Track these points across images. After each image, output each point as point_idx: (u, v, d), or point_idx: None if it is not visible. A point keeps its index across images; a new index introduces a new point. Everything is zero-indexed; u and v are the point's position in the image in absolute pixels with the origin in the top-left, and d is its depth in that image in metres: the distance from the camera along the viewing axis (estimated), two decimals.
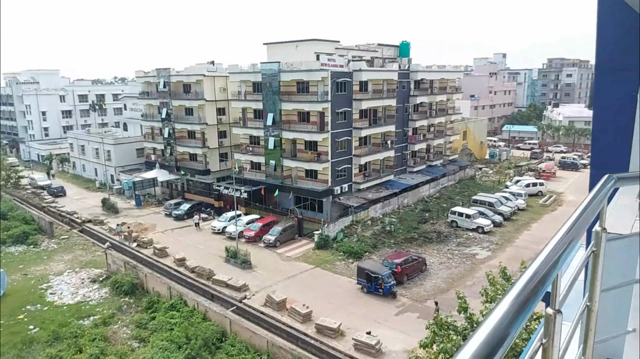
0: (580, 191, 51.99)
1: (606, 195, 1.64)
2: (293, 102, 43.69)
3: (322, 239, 38.50)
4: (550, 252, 1.28)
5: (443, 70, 58.11)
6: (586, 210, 1.49)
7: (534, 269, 1.22)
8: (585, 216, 1.47)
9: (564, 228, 1.39)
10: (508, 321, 0.97)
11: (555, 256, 1.27)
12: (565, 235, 1.36)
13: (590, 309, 1.71)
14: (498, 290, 16.71)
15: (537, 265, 1.23)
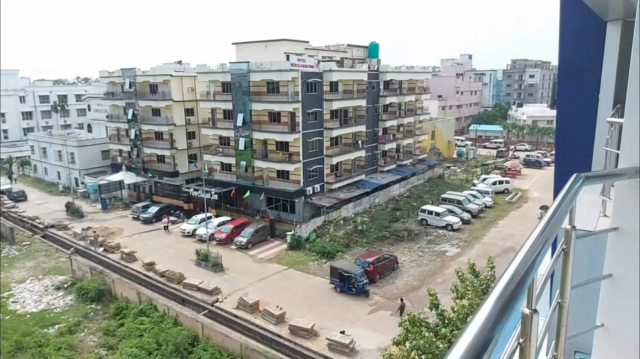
0: (545, 189, 53.81)
1: (575, 194, 1.67)
2: (263, 102, 43.41)
3: (294, 240, 38.40)
4: (527, 254, 1.29)
5: (411, 71, 58.98)
6: (558, 210, 1.51)
7: (512, 271, 1.22)
8: (558, 216, 1.50)
9: (538, 229, 1.41)
10: (491, 325, 0.97)
11: (532, 257, 1.29)
12: (539, 236, 1.37)
13: (562, 305, 1.75)
14: (468, 287, 17.07)
15: (515, 267, 1.24)
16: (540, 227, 1.41)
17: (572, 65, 6.27)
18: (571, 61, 6.24)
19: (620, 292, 2.06)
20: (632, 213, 1.99)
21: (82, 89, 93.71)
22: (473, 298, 16.51)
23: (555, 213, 1.49)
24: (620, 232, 2.02)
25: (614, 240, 2.05)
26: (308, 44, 50.24)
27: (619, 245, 2.04)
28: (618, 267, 2.06)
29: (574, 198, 1.64)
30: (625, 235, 2.01)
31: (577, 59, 6.18)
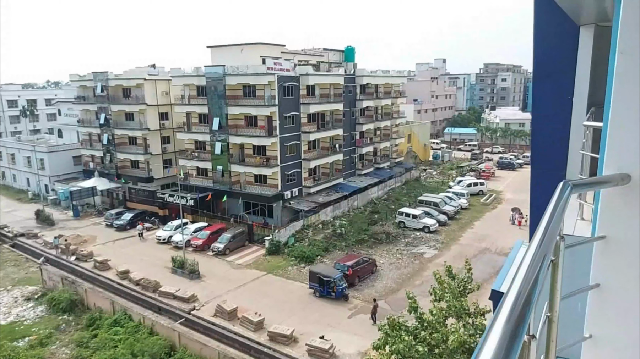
0: (518, 190, 54.91)
1: (565, 203, 1.59)
2: (240, 106, 43.03)
3: (273, 245, 38.08)
4: (528, 272, 1.19)
5: (387, 75, 59.49)
6: (551, 222, 1.43)
7: (515, 293, 1.12)
8: (552, 229, 1.41)
9: (534, 245, 1.32)
10: (504, 354, 0.87)
11: (534, 276, 1.19)
12: (537, 252, 1.28)
13: (551, 320, 1.67)
14: (445, 289, 17.15)
15: (518, 288, 1.13)
16: (536, 242, 1.32)
17: (547, 68, 6.31)
18: (545, 65, 6.29)
19: (608, 302, 2.00)
20: (619, 221, 1.93)
21: (52, 93, 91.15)
22: (451, 300, 16.59)
23: (550, 226, 1.41)
24: (607, 240, 1.96)
25: (601, 248, 1.99)
26: (284, 48, 50.11)
27: (606, 253, 1.98)
28: (605, 276, 2.00)
29: (564, 208, 1.57)
30: (612, 244, 1.96)
31: (551, 63, 6.22)
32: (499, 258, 35.41)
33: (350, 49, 56.10)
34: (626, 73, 1.80)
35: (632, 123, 1.83)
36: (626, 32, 1.78)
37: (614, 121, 1.87)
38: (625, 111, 1.84)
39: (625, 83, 1.81)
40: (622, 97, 1.84)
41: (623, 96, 1.83)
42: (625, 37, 1.78)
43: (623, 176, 1.85)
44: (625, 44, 1.78)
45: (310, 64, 48.01)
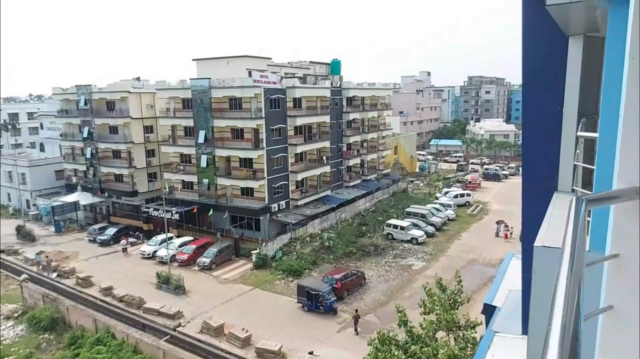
0: (504, 201, 55.39)
1: (584, 221, 1.46)
2: (226, 118, 42.83)
3: (260, 259, 37.64)
4: (568, 305, 1.06)
5: (373, 87, 59.94)
6: (576, 244, 1.29)
7: (559, 329, 0.99)
8: (579, 252, 1.28)
9: (564, 273, 1.18)
10: None
11: (574, 307, 1.06)
12: (571, 280, 1.15)
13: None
14: (435, 301, 17.01)
15: (561, 324, 1.00)
16: (565, 270, 1.19)
17: (536, 79, 6.27)
18: (535, 75, 6.25)
19: (621, 324, 1.86)
20: (634, 238, 1.80)
21: (35, 107, 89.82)
22: (441, 313, 16.45)
23: (575, 249, 1.28)
24: (620, 259, 1.83)
25: (614, 267, 1.86)
26: (270, 61, 50.22)
27: (619, 273, 1.85)
28: (619, 297, 1.87)
29: (584, 226, 1.43)
30: (626, 262, 1.82)
31: (540, 74, 6.19)
32: (487, 269, 35.47)
33: (336, 61, 56.47)
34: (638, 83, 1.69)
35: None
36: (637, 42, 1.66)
37: (626, 133, 1.75)
38: (637, 123, 1.72)
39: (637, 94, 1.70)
40: (634, 109, 1.72)
41: (635, 108, 1.71)
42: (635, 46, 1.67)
43: (636, 190, 1.73)
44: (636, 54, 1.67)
45: (297, 77, 48.14)
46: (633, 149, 1.75)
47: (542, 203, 5.75)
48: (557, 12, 4.41)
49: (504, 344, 6.44)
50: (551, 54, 5.63)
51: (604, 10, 4.00)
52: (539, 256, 4.06)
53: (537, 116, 6.11)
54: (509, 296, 7.87)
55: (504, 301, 7.89)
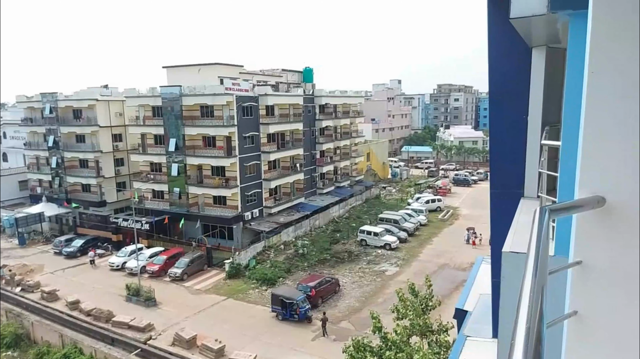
0: (473, 205, 56.57)
1: (547, 230, 1.50)
2: (197, 126, 42.32)
3: (233, 268, 37.17)
4: (531, 310, 1.09)
5: (345, 95, 60.46)
6: (539, 252, 1.33)
7: (523, 333, 1.01)
8: (542, 260, 1.32)
9: (528, 279, 1.21)
10: None
11: (537, 312, 1.09)
12: (535, 286, 1.18)
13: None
14: (408, 307, 17.18)
15: (524, 329, 1.03)
16: (529, 276, 1.23)
17: (502, 89, 6.46)
18: (501, 85, 6.43)
19: (585, 329, 1.92)
20: (595, 245, 1.86)
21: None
22: (414, 318, 16.62)
23: (539, 257, 1.32)
24: (583, 266, 1.89)
25: (578, 274, 1.91)
26: (242, 68, 50.04)
27: (582, 279, 1.91)
28: (582, 303, 1.92)
29: (548, 235, 1.48)
30: (589, 269, 1.88)
31: (506, 83, 6.37)
32: (458, 273, 36.07)
33: (308, 69, 56.71)
34: (598, 94, 1.76)
35: (605, 145, 1.79)
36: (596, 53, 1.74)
37: (586, 142, 1.81)
38: (597, 132, 1.80)
39: (597, 104, 1.77)
40: (594, 118, 1.79)
41: (595, 117, 1.78)
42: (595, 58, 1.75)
43: (598, 199, 1.80)
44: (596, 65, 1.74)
45: (269, 85, 48.08)
46: (594, 159, 1.81)
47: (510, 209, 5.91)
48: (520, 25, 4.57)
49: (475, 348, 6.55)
50: (516, 65, 5.82)
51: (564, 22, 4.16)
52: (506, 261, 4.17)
53: (504, 124, 6.30)
54: (479, 301, 8.03)
55: (474, 306, 8.04)
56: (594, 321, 1.86)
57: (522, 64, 5.67)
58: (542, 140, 5.44)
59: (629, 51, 1.72)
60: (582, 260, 1.86)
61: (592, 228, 1.83)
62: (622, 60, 1.73)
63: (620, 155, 1.77)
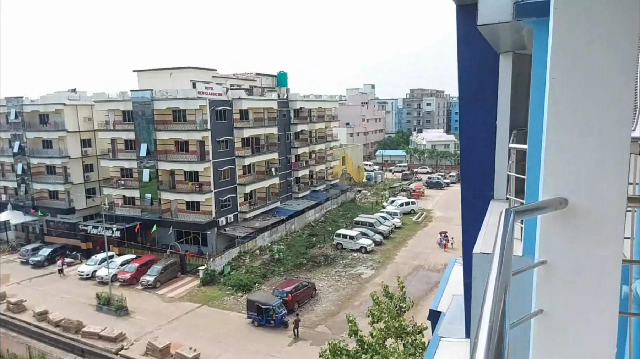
0: (446, 208, 57.52)
1: (512, 231, 1.55)
2: (169, 131, 41.68)
3: (207, 274, 36.66)
4: (494, 310, 1.12)
5: (320, 99, 60.68)
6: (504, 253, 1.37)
7: (486, 334, 1.04)
8: (506, 260, 1.36)
9: (492, 280, 1.25)
10: None
11: (500, 312, 1.12)
12: (498, 286, 1.22)
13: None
14: (383, 310, 17.30)
15: (487, 329, 1.05)
16: (493, 276, 1.26)
17: (471, 93, 6.59)
18: (470, 90, 6.57)
19: (552, 328, 1.98)
20: (558, 245, 1.93)
21: None
22: (389, 320, 16.74)
23: (503, 257, 1.36)
24: (548, 266, 1.95)
25: (543, 273, 1.98)
26: (215, 72, 49.61)
27: (547, 279, 1.97)
28: (548, 302, 1.98)
29: (512, 236, 1.52)
30: (553, 269, 1.94)
31: (475, 88, 6.51)
32: (432, 275, 36.57)
33: (282, 74, 56.68)
34: (559, 99, 1.83)
35: (566, 148, 1.85)
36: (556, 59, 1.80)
37: (548, 146, 1.88)
38: (559, 136, 1.86)
39: (558, 109, 1.84)
40: (556, 123, 1.86)
41: (556, 122, 1.85)
42: (556, 64, 1.81)
43: (560, 200, 1.86)
44: (556, 71, 1.81)
45: (243, 89, 47.81)
46: (556, 162, 1.88)
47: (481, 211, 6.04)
48: (487, 32, 4.70)
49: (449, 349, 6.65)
50: (484, 70, 5.97)
51: (529, 29, 4.30)
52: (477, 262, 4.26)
53: (473, 128, 6.44)
54: (453, 301, 8.16)
55: (448, 306, 8.17)
56: (558, 319, 1.92)
57: (490, 70, 5.82)
58: (510, 143, 5.60)
59: (587, 58, 1.80)
60: (547, 259, 1.92)
61: (555, 229, 1.89)
62: (580, 67, 1.81)
63: (580, 158, 1.84)
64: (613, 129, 1.82)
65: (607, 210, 1.85)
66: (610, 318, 1.89)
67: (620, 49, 1.79)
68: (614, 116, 1.82)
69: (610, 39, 1.79)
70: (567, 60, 1.80)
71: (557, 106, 1.83)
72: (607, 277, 1.88)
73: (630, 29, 1.78)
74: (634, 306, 3.20)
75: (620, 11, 1.77)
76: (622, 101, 1.81)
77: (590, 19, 1.80)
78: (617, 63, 1.79)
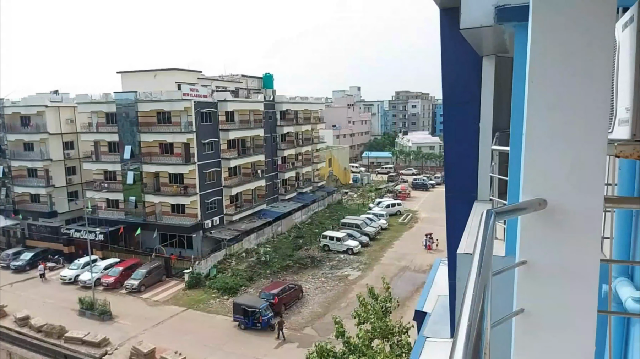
0: (432, 209, 57.95)
1: (492, 232, 1.57)
2: (154, 133, 41.26)
3: (193, 278, 36.34)
4: (472, 309, 1.14)
5: (306, 101, 60.69)
6: (484, 253, 1.40)
7: (464, 333, 1.05)
8: (486, 260, 1.38)
9: (472, 279, 1.27)
10: None
11: (479, 311, 1.14)
12: (477, 286, 1.24)
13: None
14: (369, 311, 17.36)
15: (466, 328, 1.07)
16: (473, 277, 1.28)
17: (455, 96, 6.66)
18: (453, 93, 6.64)
19: (532, 327, 2.01)
20: (538, 245, 1.96)
21: None
22: (375, 321, 16.81)
23: (483, 258, 1.38)
24: (528, 265, 1.98)
25: (523, 273, 2.01)
26: (201, 74, 49.31)
27: (528, 278, 2.00)
28: (528, 301, 2.02)
29: (492, 236, 1.55)
30: (533, 268, 1.98)
31: (458, 91, 6.58)
32: (418, 276, 36.79)
33: (268, 75, 56.57)
34: (537, 102, 1.86)
35: (545, 150, 1.89)
36: (535, 63, 1.84)
37: (528, 148, 1.92)
38: (538, 138, 1.90)
39: (537, 111, 1.87)
40: (535, 125, 1.90)
41: (535, 124, 1.89)
42: (534, 68, 1.85)
43: (540, 201, 1.89)
44: (535, 74, 1.85)
45: (229, 90, 47.58)
46: (535, 163, 1.92)
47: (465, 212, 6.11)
48: (470, 35, 4.76)
49: (434, 349, 6.70)
50: (467, 73, 6.05)
51: (510, 33, 4.37)
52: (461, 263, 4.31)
53: (457, 131, 6.52)
54: (438, 302, 8.23)
55: (433, 307, 8.23)
56: (539, 317, 1.95)
57: (474, 72, 5.89)
58: (493, 145, 5.67)
59: (564, 62, 1.84)
60: (527, 259, 1.96)
61: (535, 229, 1.93)
62: (557, 70, 1.85)
63: (558, 159, 1.88)
64: (590, 131, 1.87)
65: (585, 211, 1.90)
66: (590, 316, 1.93)
67: (597, 53, 1.83)
68: (591, 119, 1.86)
69: (587, 43, 1.83)
70: (545, 63, 1.84)
71: (535, 109, 1.87)
72: (586, 276, 1.92)
73: (607, 34, 1.83)
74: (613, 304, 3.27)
75: (596, 17, 1.81)
76: (598, 104, 1.86)
77: (568, 23, 1.84)
78: (593, 67, 1.84)
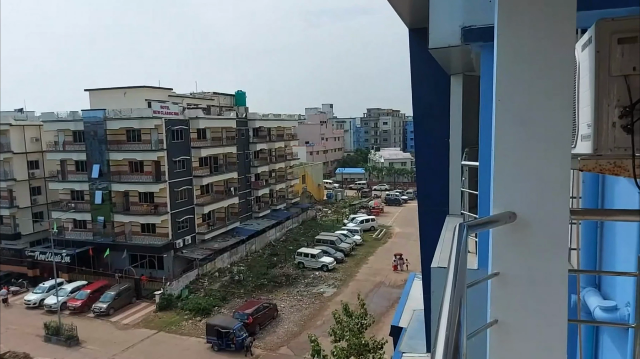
0: (405, 224, 58.55)
1: (466, 245, 1.62)
2: (123, 151, 40.48)
3: (164, 299, 35.39)
4: (450, 323, 1.16)
5: (279, 119, 60.85)
6: (458, 266, 1.43)
7: (442, 342, 1.07)
8: (461, 273, 1.42)
9: (448, 292, 1.30)
10: None
11: (456, 324, 1.16)
12: (453, 299, 1.26)
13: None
14: (345, 328, 17.30)
15: (444, 340, 1.09)
16: (449, 290, 1.31)
17: (424, 113, 6.83)
18: (423, 110, 6.80)
19: (506, 337, 2.06)
20: (509, 257, 2.02)
21: None
22: (350, 338, 16.74)
23: (458, 271, 1.41)
24: (500, 277, 2.03)
25: (496, 285, 2.06)
26: (171, 91, 48.86)
27: (500, 289, 2.05)
28: (502, 312, 2.06)
29: (466, 249, 1.59)
30: (506, 280, 2.03)
31: (428, 108, 6.75)
32: (393, 291, 36.91)
33: (241, 93, 56.56)
34: (504, 119, 1.95)
35: (513, 165, 1.97)
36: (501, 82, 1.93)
37: (497, 163, 1.99)
38: (506, 154, 1.98)
39: (505, 128, 1.95)
40: (503, 141, 1.97)
41: (503, 140, 1.96)
42: (501, 87, 1.94)
43: (510, 214, 1.96)
44: (502, 93, 1.93)
45: (201, 108, 47.26)
46: (504, 177, 1.99)
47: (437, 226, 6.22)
48: (438, 54, 4.92)
49: None
50: (436, 91, 6.23)
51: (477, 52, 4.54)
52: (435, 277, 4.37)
53: (428, 146, 6.67)
54: (413, 316, 8.27)
55: (409, 322, 8.27)
56: (512, 327, 2.00)
57: (442, 90, 6.07)
58: (463, 160, 5.82)
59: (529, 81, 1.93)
60: (499, 271, 2.01)
61: (506, 242, 1.99)
62: (523, 89, 1.94)
63: (526, 174, 1.96)
64: (555, 147, 1.96)
65: (552, 222, 1.97)
66: (560, 325, 1.99)
67: (559, 73, 1.94)
68: (555, 134, 1.95)
69: (549, 63, 1.93)
70: (511, 82, 1.93)
71: (503, 126, 1.95)
72: (555, 286, 1.98)
73: (567, 54, 1.94)
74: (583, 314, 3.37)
75: (558, 38, 1.92)
76: (562, 121, 1.96)
77: (531, 44, 1.94)
78: (556, 85, 1.94)
